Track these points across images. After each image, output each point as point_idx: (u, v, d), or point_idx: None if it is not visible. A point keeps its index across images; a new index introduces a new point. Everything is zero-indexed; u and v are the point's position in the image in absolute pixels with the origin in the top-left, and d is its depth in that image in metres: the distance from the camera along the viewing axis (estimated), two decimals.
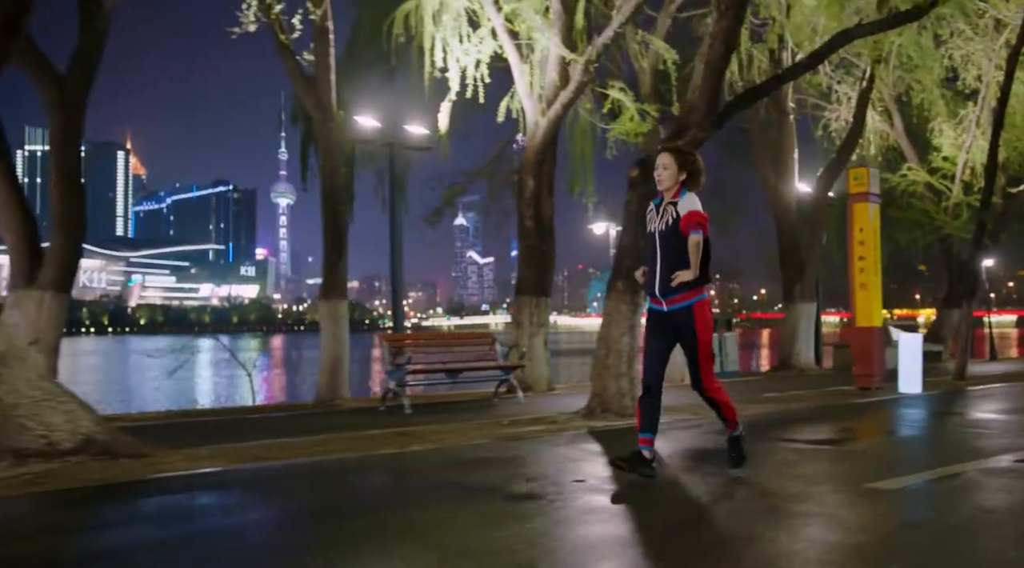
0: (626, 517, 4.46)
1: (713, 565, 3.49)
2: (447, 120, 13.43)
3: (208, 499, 5.43)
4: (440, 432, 8.32)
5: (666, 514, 4.55)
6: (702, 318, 5.03)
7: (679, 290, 4.95)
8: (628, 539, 4.01)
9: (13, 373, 6.49)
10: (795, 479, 5.40)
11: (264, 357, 51.57)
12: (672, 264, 4.95)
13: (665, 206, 5.09)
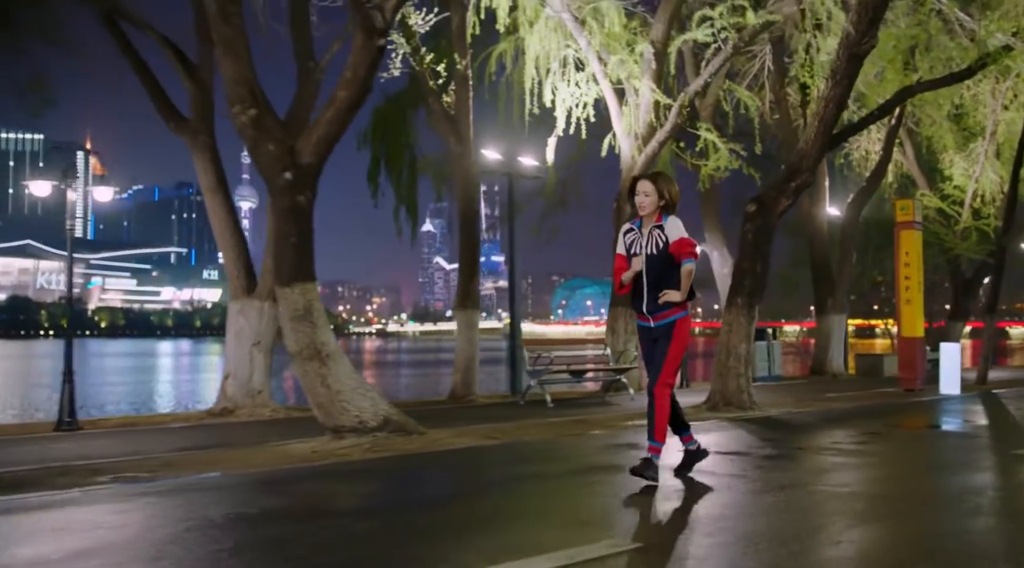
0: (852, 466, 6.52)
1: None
2: (553, 153, 15.44)
3: (494, 458, 7.30)
4: (601, 421, 10.25)
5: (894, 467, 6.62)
6: (681, 333, 5.31)
7: (666, 307, 5.25)
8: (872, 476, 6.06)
9: (337, 368, 8.35)
10: (954, 451, 7.49)
11: None
12: (660, 285, 5.23)
13: (651, 230, 5.31)
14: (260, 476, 6.46)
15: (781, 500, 4.96)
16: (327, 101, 8.10)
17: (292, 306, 8.14)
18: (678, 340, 5.29)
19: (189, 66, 11.76)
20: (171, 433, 9.89)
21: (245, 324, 11.38)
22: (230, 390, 11.35)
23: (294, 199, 7.98)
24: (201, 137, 11.62)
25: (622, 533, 4.14)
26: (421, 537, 4.11)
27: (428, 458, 7.33)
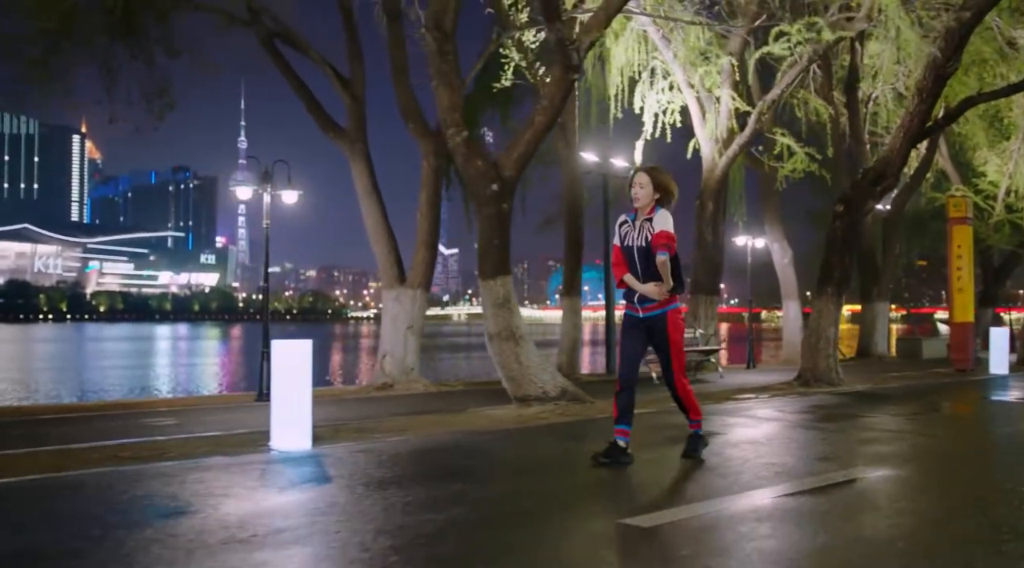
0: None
1: None
2: (640, 155, 17.04)
3: (664, 421, 8.92)
4: (714, 394, 11.90)
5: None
6: (674, 324, 5.42)
7: (655, 299, 5.36)
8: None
9: (527, 347, 10.00)
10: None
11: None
12: (650, 277, 5.31)
13: (642, 223, 5.38)
14: (496, 433, 8.04)
15: (959, 442, 6.66)
16: (524, 123, 9.68)
17: (494, 295, 9.76)
18: (675, 333, 5.40)
19: (344, 82, 13.30)
20: (362, 403, 11.51)
21: (400, 310, 12.99)
22: (388, 367, 12.97)
23: (499, 207, 9.59)
24: (358, 145, 13.18)
25: (851, 466, 5.82)
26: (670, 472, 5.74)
27: (606, 421, 8.96)
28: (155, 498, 4.83)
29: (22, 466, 6.14)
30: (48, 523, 4.16)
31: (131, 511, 4.47)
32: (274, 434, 7.22)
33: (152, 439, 7.73)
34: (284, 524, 4.08)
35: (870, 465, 5.71)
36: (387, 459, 6.27)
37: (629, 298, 5.48)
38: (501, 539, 3.81)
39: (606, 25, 9.72)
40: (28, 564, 3.45)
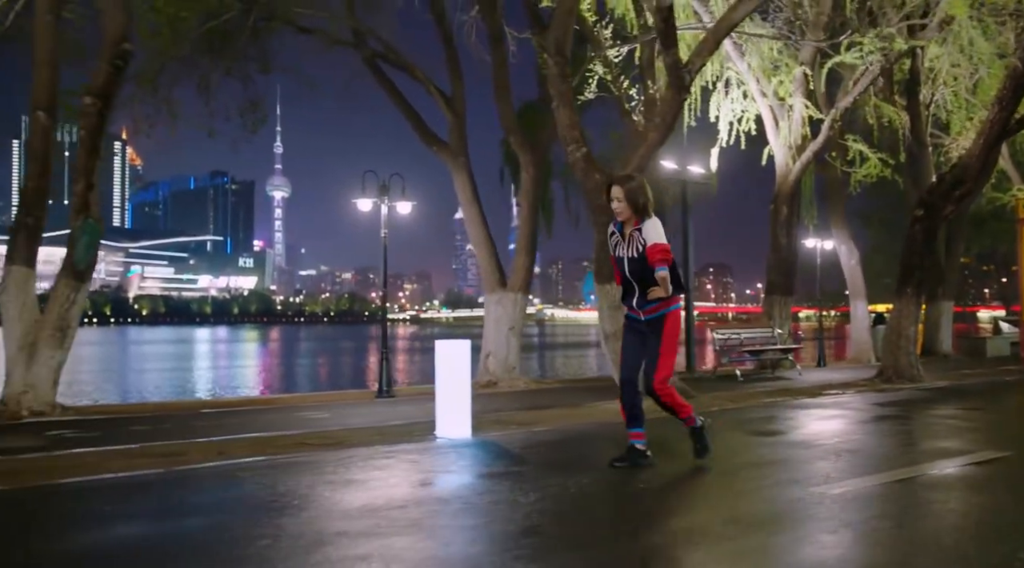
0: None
1: None
2: (716, 162, 17.76)
3: (789, 412, 9.63)
4: (803, 390, 12.59)
5: None
6: (671, 325, 5.34)
7: (655, 302, 5.31)
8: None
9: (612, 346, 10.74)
10: None
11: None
12: (644, 285, 5.30)
13: (631, 233, 5.32)
14: (614, 425, 8.75)
15: None
16: (638, 139, 10.47)
17: (610, 299, 10.56)
18: (668, 336, 5.32)
19: (447, 99, 14.18)
20: (475, 399, 12.33)
21: (503, 312, 13.85)
22: (491, 366, 13.83)
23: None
24: (460, 158, 14.06)
25: (984, 448, 6.54)
26: (815, 454, 6.49)
27: (720, 413, 9.61)
28: (365, 477, 5.64)
29: (235, 450, 7.03)
30: (292, 490, 5.03)
31: (352, 485, 5.27)
32: (439, 423, 8.05)
33: (324, 430, 8.62)
34: (475, 496, 4.92)
35: (999, 448, 6.43)
36: (540, 446, 7.11)
37: (628, 302, 5.44)
38: (695, 514, 4.61)
39: (714, 49, 10.48)
40: (267, 516, 4.30)
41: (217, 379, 28.05)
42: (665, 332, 5.31)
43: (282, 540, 3.77)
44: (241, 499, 4.89)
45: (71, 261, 9.67)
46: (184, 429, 8.76)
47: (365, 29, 14.27)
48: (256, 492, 5.01)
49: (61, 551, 3.74)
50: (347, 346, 63.33)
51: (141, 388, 23.77)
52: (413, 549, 3.63)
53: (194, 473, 5.92)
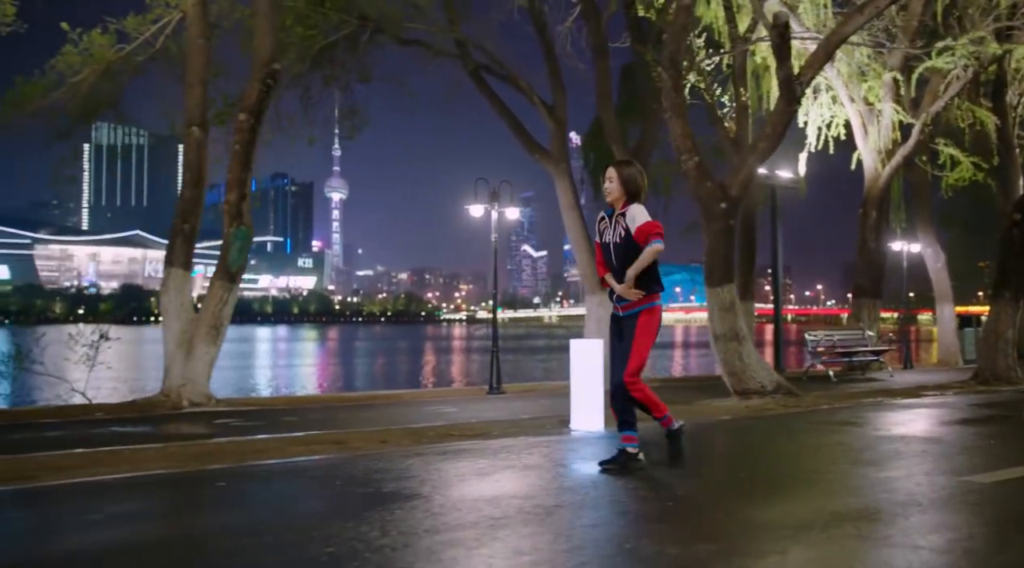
0: None
1: None
2: (805, 166, 18.07)
3: (881, 413, 9.96)
4: (905, 392, 12.87)
5: None
6: (646, 322, 5.19)
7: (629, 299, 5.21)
8: None
9: (748, 346, 11.24)
10: None
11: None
12: (625, 273, 5.13)
13: (616, 217, 5.23)
14: (741, 420, 9.26)
15: None
16: (748, 149, 10.93)
17: (720, 301, 11.05)
18: (643, 333, 5.17)
19: (548, 108, 14.78)
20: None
21: (604, 313, 14.38)
22: None
23: (726, 223, 10.88)
24: (562, 165, 14.65)
25: None
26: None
27: (831, 411, 10.03)
28: (516, 464, 6.20)
29: (394, 438, 7.68)
30: (452, 476, 5.63)
31: (506, 472, 5.83)
32: (574, 416, 8.60)
33: (463, 422, 9.26)
34: (618, 484, 5.45)
35: None
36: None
37: (611, 297, 5.36)
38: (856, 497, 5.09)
39: (825, 61, 10.89)
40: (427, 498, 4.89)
41: (315, 376, 29.18)
42: (639, 326, 5.16)
43: (448, 516, 4.25)
44: (411, 481, 5.42)
45: (225, 264, 10.49)
46: (332, 420, 9.49)
47: (470, 41, 14.93)
48: (422, 475, 5.51)
49: (300, 513, 4.35)
50: (416, 346, 64.65)
51: (249, 384, 24.86)
52: (566, 529, 4.04)
53: (364, 458, 6.47)
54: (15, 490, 5.27)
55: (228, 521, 4.31)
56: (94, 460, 6.49)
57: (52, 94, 11.54)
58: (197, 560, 3.51)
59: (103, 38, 11.59)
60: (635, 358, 5.17)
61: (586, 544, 3.70)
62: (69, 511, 4.74)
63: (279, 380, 27.30)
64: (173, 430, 8.56)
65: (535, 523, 4.03)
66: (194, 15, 10.85)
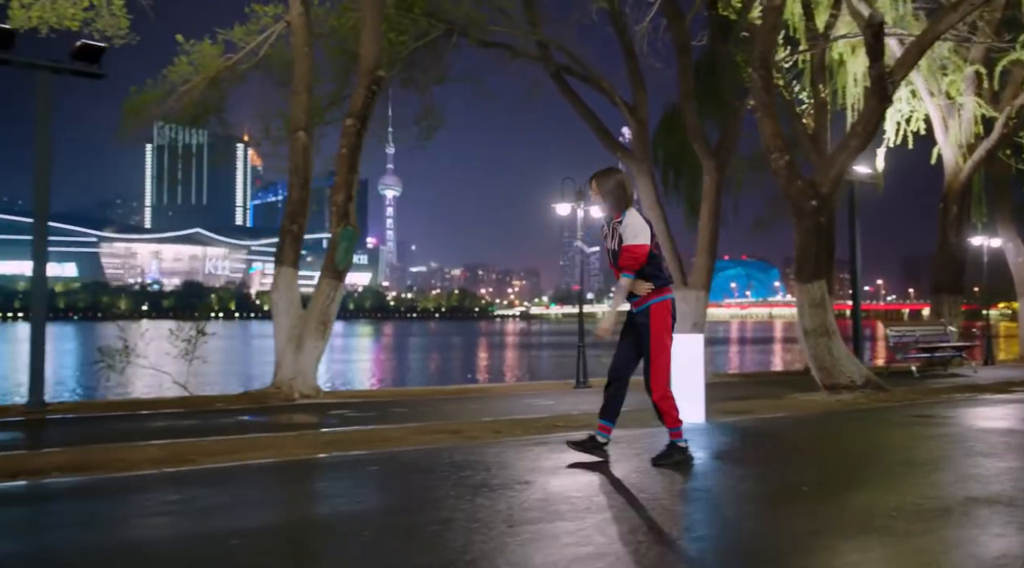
0: None
1: None
2: (883, 162, 18.02)
3: (976, 409, 10.05)
4: (994, 388, 12.84)
5: None
6: (657, 318, 5.25)
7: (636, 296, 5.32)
8: None
9: (837, 341, 11.38)
10: None
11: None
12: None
13: (612, 226, 5.33)
14: (835, 414, 9.41)
15: None
16: (837, 148, 11.08)
17: (811, 297, 11.22)
18: (655, 331, 5.26)
19: (630, 108, 15.03)
20: None
21: (686, 309, 14.61)
22: None
23: (816, 220, 11.04)
24: (643, 163, 14.89)
25: None
26: None
27: (925, 406, 10.13)
28: (628, 454, 6.52)
29: (506, 429, 8.05)
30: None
31: (617, 462, 6.17)
32: None
33: (565, 414, 9.62)
34: (741, 472, 5.72)
35: None
36: (772, 430, 7.89)
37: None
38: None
39: (917, 59, 10.97)
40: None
41: (394, 370, 29.90)
42: (652, 327, 5.23)
43: (557, 503, 4.69)
44: (531, 467, 5.76)
45: (332, 262, 11.00)
46: (439, 412, 9.92)
47: (553, 43, 15.22)
48: (540, 463, 5.83)
49: (433, 496, 4.72)
50: (478, 341, 65.20)
51: (338, 378, 25.58)
52: (683, 514, 4.47)
53: (480, 447, 6.79)
54: (185, 471, 5.75)
55: (383, 501, 4.77)
56: (241, 446, 7.00)
57: (165, 102, 12.18)
58: (376, 533, 3.91)
59: (212, 48, 12.20)
60: (656, 369, 5.26)
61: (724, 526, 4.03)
62: (252, 490, 5.24)
63: (361, 374, 28.05)
64: (296, 420, 9.07)
65: (657, 509, 4.38)
66: (299, 25, 11.36)
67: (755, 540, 3.76)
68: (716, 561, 3.45)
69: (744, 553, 3.55)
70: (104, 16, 12.09)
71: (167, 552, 3.65)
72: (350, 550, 3.61)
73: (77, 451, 6.71)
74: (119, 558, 3.54)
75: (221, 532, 3.93)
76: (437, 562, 3.33)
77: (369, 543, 3.69)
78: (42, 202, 9.55)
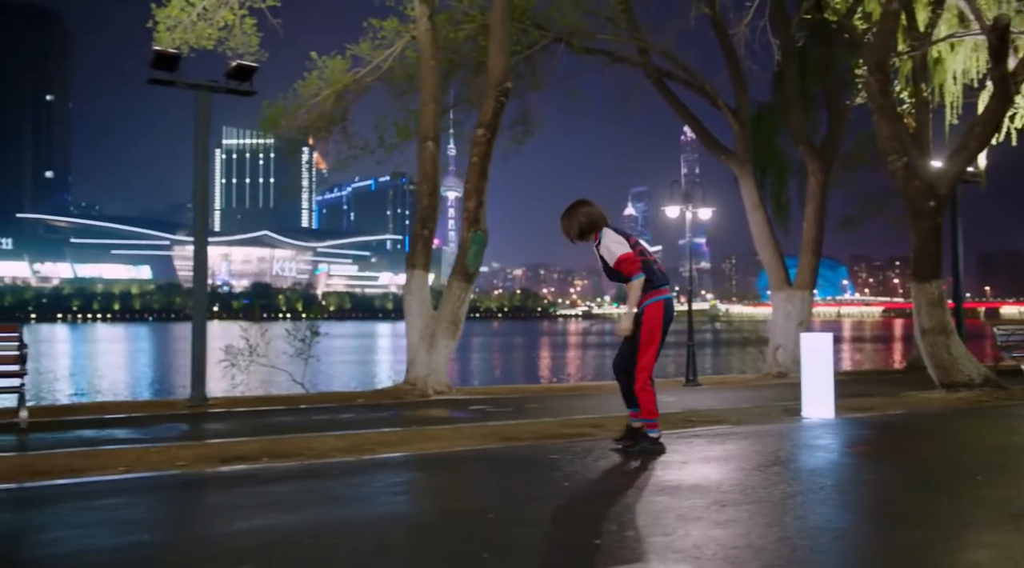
0: None
1: None
2: (985, 160, 17.93)
3: None
4: None
5: None
6: (647, 318, 5.77)
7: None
8: None
9: (955, 340, 11.53)
10: None
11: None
12: (616, 282, 6.00)
13: (595, 246, 5.96)
14: (960, 411, 9.59)
15: None
16: (956, 148, 11.24)
17: (928, 296, 11.40)
18: (644, 328, 5.76)
19: (732, 111, 15.32)
20: (779, 389, 13.46)
21: (792, 308, 14.88)
22: (781, 358, 14.88)
23: (934, 220, 11.23)
24: (746, 166, 15.17)
25: None
26: None
27: None
28: (771, 447, 6.91)
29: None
30: (713, 454, 6.30)
31: (762, 454, 6.53)
32: (805, 405, 9.19)
33: (693, 409, 9.99)
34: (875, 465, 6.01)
35: None
36: (903, 425, 8.16)
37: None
38: None
39: None
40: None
41: (486, 368, 30.66)
42: (643, 325, 5.74)
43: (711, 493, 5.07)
44: (681, 458, 6.15)
45: (463, 265, 11.58)
46: (570, 407, 10.39)
47: (656, 48, 15.57)
48: (686, 458, 6.22)
49: (602, 483, 5.20)
50: (550, 340, 65.80)
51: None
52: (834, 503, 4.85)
53: None
54: (377, 459, 6.29)
55: (594, 484, 5.24)
56: (409, 438, 7.53)
57: (296, 115, 12.92)
58: (577, 515, 4.38)
59: (341, 63, 12.90)
60: (642, 355, 5.78)
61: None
62: (459, 475, 5.79)
63: (453, 373, 28.76)
64: (441, 414, 9.63)
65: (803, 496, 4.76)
66: (426, 40, 11.97)
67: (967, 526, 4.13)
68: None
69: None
70: (237, 35, 12.88)
71: (436, 521, 4.19)
72: (583, 522, 4.07)
73: (269, 441, 7.34)
74: (410, 529, 4.08)
75: (468, 508, 4.46)
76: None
77: (626, 519, 4.16)
78: (202, 211, 10.31)
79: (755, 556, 3.40)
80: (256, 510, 4.53)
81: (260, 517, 4.32)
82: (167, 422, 8.86)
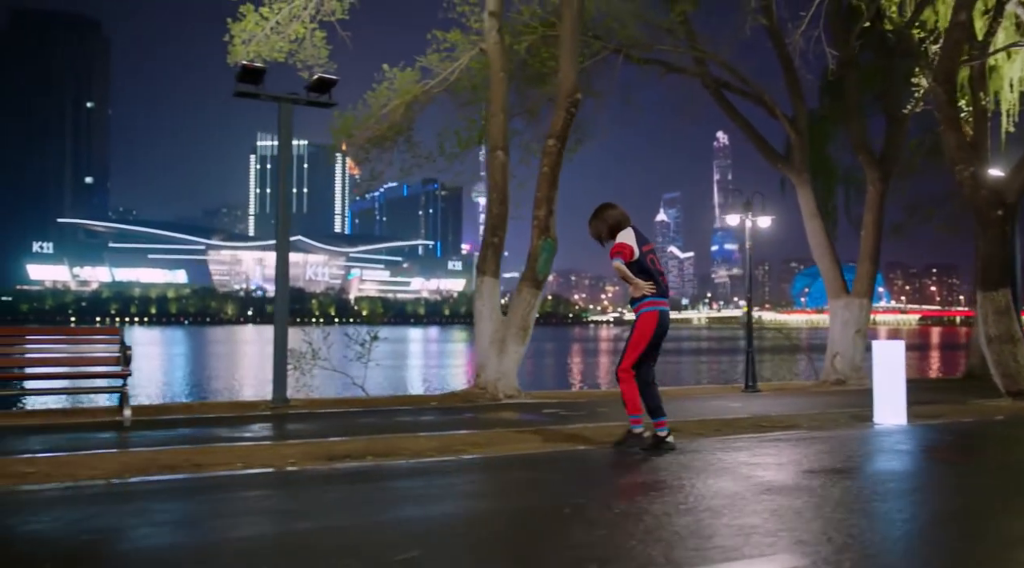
0: None
1: None
2: None
3: None
4: None
5: None
6: (640, 323, 6.28)
7: (635, 302, 6.36)
8: None
9: (1021, 348, 11.58)
10: None
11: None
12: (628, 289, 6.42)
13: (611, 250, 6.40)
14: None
15: None
16: (1017, 163, 11.31)
17: (995, 304, 11.48)
18: (636, 330, 6.28)
19: (789, 120, 15.45)
20: (841, 395, 13.56)
21: (849, 316, 14.97)
22: (839, 366, 14.97)
23: (1002, 229, 11.31)
24: (803, 174, 15.29)
25: None
26: None
27: None
28: (847, 451, 7.05)
29: (718, 429, 8.61)
30: (791, 458, 6.48)
31: (833, 458, 6.69)
32: (877, 411, 9.33)
33: (761, 415, 10.15)
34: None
35: None
36: (979, 432, 8.27)
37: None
38: None
39: None
40: None
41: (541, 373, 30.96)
42: (635, 327, 6.28)
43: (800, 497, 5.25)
44: (775, 461, 6.39)
45: (533, 272, 11.85)
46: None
47: (714, 57, 15.74)
48: (763, 461, 6.46)
49: (684, 480, 5.41)
50: (586, 347, 65.94)
51: None
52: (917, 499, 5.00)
53: (702, 444, 7.29)
54: (470, 459, 6.56)
55: (696, 483, 5.47)
56: (494, 440, 7.76)
57: (366, 125, 13.29)
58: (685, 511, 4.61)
59: (410, 74, 13.26)
60: (627, 352, 6.30)
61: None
62: (550, 473, 6.06)
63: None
64: (516, 418, 9.89)
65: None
66: (495, 52, 12.28)
67: None
68: None
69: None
70: (307, 47, 13.28)
71: (548, 511, 4.43)
72: (683, 516, 4.32)
73: (365, 441, 7.64)
74: (543, 516, 4.34)
75: (588, 502, 4.70)
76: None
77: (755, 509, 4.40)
78: (285, 218, 10.68)
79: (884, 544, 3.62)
80: (394, 504, 4.82)
81: (400, 509, 4.60)
82: (256, 422, 9.19)
